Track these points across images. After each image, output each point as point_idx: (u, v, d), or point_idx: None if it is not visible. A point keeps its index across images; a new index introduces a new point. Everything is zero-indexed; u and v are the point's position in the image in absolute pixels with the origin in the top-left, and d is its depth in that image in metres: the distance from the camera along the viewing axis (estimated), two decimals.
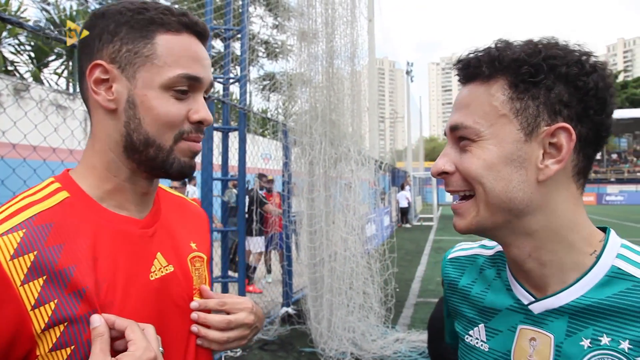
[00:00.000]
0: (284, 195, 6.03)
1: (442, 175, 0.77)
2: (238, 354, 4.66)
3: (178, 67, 0.77)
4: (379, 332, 4.91)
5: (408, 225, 19.08)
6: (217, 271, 5.62)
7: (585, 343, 0.70)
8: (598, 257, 0.72)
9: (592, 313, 0.71)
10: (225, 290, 5.57)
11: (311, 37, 4.69)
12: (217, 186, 6.09)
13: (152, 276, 0.80)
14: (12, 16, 2.13)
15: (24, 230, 0.69)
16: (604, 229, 0.78)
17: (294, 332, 5.33)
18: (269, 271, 8.34)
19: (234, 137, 5.53)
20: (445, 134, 0.81)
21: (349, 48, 4.93)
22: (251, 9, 6.52)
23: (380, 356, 4.36)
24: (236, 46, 6.58)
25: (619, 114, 42.99)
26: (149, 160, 0.78)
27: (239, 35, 5.67)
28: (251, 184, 7.58)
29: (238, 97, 5.62)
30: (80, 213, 0.75)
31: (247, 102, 5.58)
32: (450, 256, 0.98)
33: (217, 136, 5.32)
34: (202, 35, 0.82)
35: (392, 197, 16.90)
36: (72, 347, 0.69)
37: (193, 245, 0.93)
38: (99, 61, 0.76)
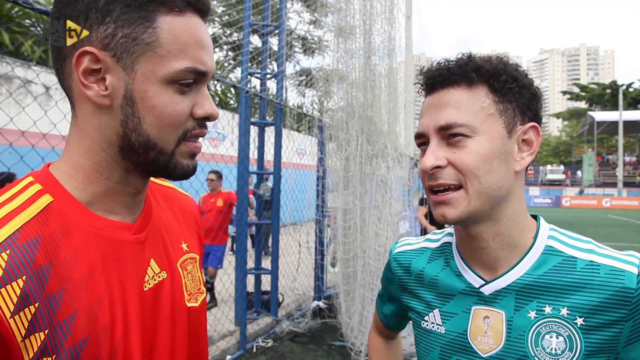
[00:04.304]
0: (318, 190, 6.08)
1: (434, 170, 0.81)
2: (269, 344, 4.76)
3: (185, 57, 0.66)
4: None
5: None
6: (250, 263, 5.74)
7: (532, 314, 0.81)
8: (534, 240, 0.85)
9: (534, 288, 0.82)
10: (258, 281, 5.68)
11: (348, 33, 4.70)
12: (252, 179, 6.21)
13: (145, 286, 0.72)
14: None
15: (7, 252, 0.57)
16: (534, 217, 0.90)
17: (324, 326, 5.40)
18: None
19: (270, 132, 5.63)
20: (418, 136, 0.85)
21: (387, 45, 4.91)
22: (288, 4, 6.58)
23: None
24: (273, 42, 6.67)
25: None
26: (148, 163, 0.69)
27: (276, 31, 5.75)
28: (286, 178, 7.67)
29: (274, 92, 5.71)
30: (67, 221, 0.65)
31: (283, 98, 5.65)
32: (397, 250, 1.04)
33: (253, 130, 5.43)
34: (205, 13, 0.70)
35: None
36: None
37: (184, 246, 0.85)
38: (88, 48, 0.63)
